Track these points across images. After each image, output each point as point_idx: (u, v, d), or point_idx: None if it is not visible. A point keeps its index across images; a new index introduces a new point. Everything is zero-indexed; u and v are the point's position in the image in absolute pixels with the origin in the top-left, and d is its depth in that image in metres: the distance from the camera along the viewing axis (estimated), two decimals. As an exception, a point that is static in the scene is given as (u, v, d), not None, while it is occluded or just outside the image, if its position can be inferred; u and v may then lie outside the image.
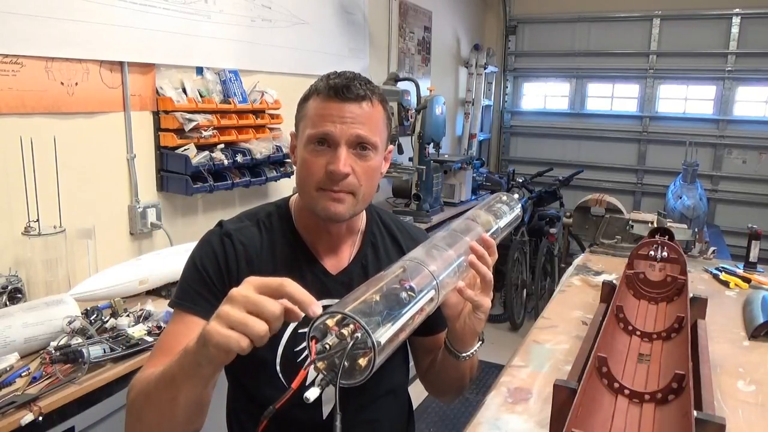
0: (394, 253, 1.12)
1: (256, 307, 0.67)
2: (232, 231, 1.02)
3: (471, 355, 1.03)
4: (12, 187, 1.64)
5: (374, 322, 0.67)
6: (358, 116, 0.95)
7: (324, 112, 0.95)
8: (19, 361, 1.34)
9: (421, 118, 3.20)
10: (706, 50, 4.64)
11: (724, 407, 1.13)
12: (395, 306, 0.73)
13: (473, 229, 1.02)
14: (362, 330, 0.65)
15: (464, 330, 0.99)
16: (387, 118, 1.02)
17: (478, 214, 1.09)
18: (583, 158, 5.14)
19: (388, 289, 0.75)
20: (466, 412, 2.96)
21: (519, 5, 5.29)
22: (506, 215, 1.17)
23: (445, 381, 1.13)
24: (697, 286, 1.87)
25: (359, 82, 0.96)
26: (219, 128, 2.20)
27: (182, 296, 0.99)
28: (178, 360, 0.77)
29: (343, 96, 0.94)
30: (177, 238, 2.14)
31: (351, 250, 1.09)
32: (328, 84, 0.96)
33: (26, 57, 1.64)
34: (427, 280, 0.81)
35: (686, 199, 3.90)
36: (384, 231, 1.15)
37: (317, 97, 0.97)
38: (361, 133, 0.95)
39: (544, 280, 4.27)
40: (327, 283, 1.04)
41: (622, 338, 1.31)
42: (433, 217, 3.27)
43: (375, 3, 3.49)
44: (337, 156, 0.93)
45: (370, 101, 0.96)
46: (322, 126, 0.94)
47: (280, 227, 1.06)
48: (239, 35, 2.39)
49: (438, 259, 0.86)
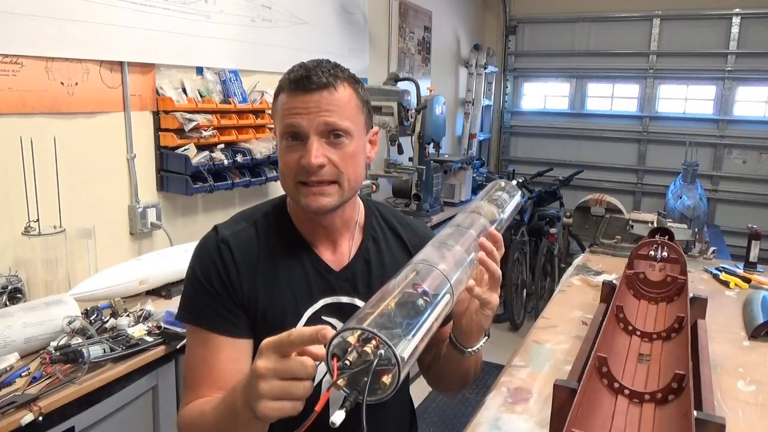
0: (396, 248, 1.10)
1: (289, 374, 0.68)
2: (228, 237, 1.00)
3: (476, 351, 1.02)
4: (12, 187, 1.64)
5: (396, 335, 0.65)
6: (323, 104, 0.92)
7: (290, 105, 0.94)
8: (19, 361, 1.34)
9: (421, 118, 3.20)
10: (706, 50, 4.64)
11: (724, 407, 1.13)
12: (413, 315, 0.70)
13: (479, 221, 1.00)
14: (385, 346, 0.62)
15: (471, 326, 0.98)
16: (360, 99, 0.98)
17: (481, 206, 1.07)
18: (583, 158, 5.13)
19: (404, 296, 0.73)
20: (466, 412, 2.96)
21: (519, 5, 5.29)
22: (508, 203, 1.15)
23: (449, 375, 1.11)
24: (697, 286, 1.87)
25: (321, 69, 0.94)
26: (219, 128, 2.20)
27: (194, 313, 0.98)
28: (230, 421, 0.79)
29: (305, 86, 0.92)
30: (177, 238, 2.14)
31: (350, 244, 1.07)
32: (290, 77, 0.95)
33: (26, 57, 1.64)
34: (441, 283, 0.78)
35: (686, 199, 3.89)
36: (384, 225, 1.12)
37: (283, 93, 0.96)
38: (329, 119, 0.92)
39: (544, 280, 4.27)
40: (330, 280, 1.02)
41: (622, 338, 1.31)
42: (433, 217, 3.27)
43: (375, 3, 3.49)
44: (308, 148, 0.92)
45: (334, 87, 0.93)
46: (288, 119, 0.93)
47: (278, 226, 1.04)
48: (239, 35, 2.39)
49: (449, 259, 0.84)
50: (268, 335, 0.96)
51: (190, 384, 0.97)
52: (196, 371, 0.97)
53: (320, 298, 1.01)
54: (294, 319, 0.99)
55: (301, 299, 1.00)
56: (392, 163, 3.28)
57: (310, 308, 1.00)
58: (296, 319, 0.99)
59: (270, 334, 0.97)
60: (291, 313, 0.99)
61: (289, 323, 0.98)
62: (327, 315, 1.01)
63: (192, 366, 0.98)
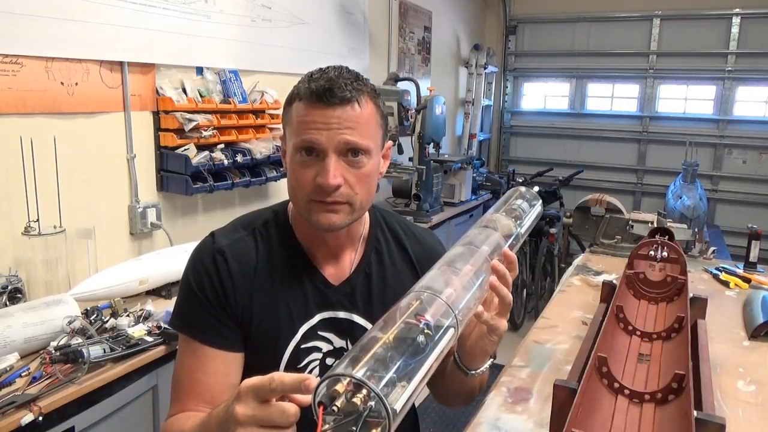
0: (400, 260, 1.06)
1: (268, 423, 0.64)
2: (225, 247, 0.96)
3: (481, 373, 0.97)
4: (12, 187, 1.64)
5: (390, 382, 0.59)
6: (345, 120, 0.86)
7: (308, 118, 0.87)
8: (19, 361, 1.34)
9: (421, 118, 3.20)
10: (706, 50, 4.64)
11: (724, 407, 1.13)
12: (411, 355, 0.64)
13: (492, 238, 0.92)
14: (375, 397, 0.57)
15: (475, 350, 0.94)
16: (380, 115, 0.94)
17: (498, 219, 1.00)
18: (583, 158, 5.13)
19: (403, 331, 0.67)
20: (466, 412, 2.95)
21: (519, 5, 5.29)
22: (527, 214, 1.08)
23: (452, 393, 1.08)
24: (697, 286, 1.87)
25: (344, 81, 0.87)
26: (219, 128, 2.20)
27: (187, 322, 0.96)
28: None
29: (327, 100, 0.86)
30: (177, 238, 2.14)
31: (353, 257, 1.03)
32: (310, 87, 0.87)
33: (26, 57, 1.63)
34: (446, 315, 0.72)
35: (686, 199, 3.89)
36: (390, 236, 1.08)
37: (300, 102, 0.89)
38: (350, 138, 0.87)
39: (544, 280, 4.27)
40: (328, 294, 0.99)
41: (622, 338, 1.31)
42: (433, 217, 3.27)
43: (375, 3, 3.49)
44: (326, 168, 0.86)
45: (357, 102, 0.88)
46: (306, 134, 0.87)
47: (278, 236, 1.00)
48: (239, 35, 2.39)
49: (456, 286, 0.77)
50: (262, 348, 0.96)
51: (176, 394, 0.96)
52: (183, 381, 0.95)
53: (317, 313, 0.98)
54: (289, 333, 0.97)
55: (297, 314, 0.97)
56: (392, 163, 3.28)
57: (306, 323, 0.98)
58: (292, 334, 0.97)
59: (264, 348, 0.96)
60: (286, 327, 0.97)
61: (283, 337, 0.96)
62: (323, 330, 0.99)
63: (180, 375, 0.96)
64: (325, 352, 0.99)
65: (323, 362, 0.99)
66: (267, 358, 0.96)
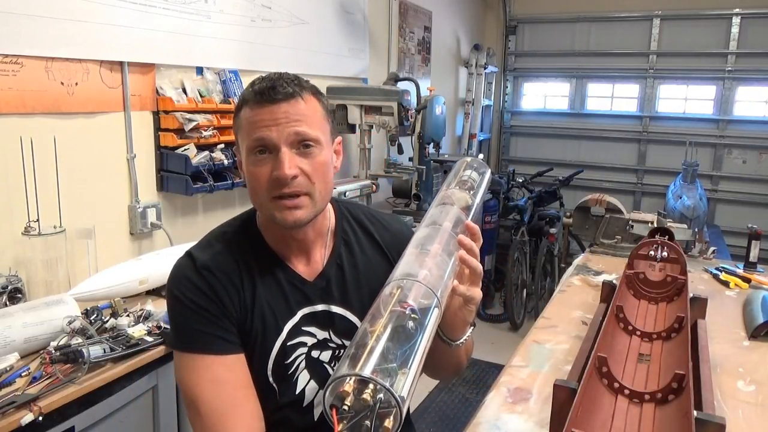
0: (369, 248, 1.09)
1: None
2: (207, 262, 0.97)
3: (464, 342, 1.02)
4: (12, 187, 1.64)
5: (392, 372, 0.62)
6: (292, 114, 0.91)
7: (256, 118, 0.91)
8: (19, 361, 1.34)
9: (421, 118, 3.20)
10: (706, 50, 4.64)
11: (724, 407, 1.13)
12: (405, 341, 0.67)
13: (452, 213, 0.97)
14: (383, 389, 0.60)
15: (455, 321, 0.98)
16: (324, 110, 0.98)
17: (453, 193, 1.04)
18: (583, 158, 5.14)
19: (393, 321, 0.69)
20: (466, 412, 2.96)
21: (519, 5, 5.29)
22: (478, 184, 1.10)
23: (440, 364, 1.10)
24: (697, 286, 1.87)
25: (285, 80, 0.92)
26: (219, 128, 2.20)
27: (190, 341, 0.94)
28: None
29: (271, 97, 0.90)
30: (177, 238, 2.14)
31: (323, 252, 1.06)
32: (254, 90, 0.92)
33: (26, 57, 1.63)
34: (428, 297, 0.75)
35: (686, 199, 3.89)
36: (356, 226, 1.11)
37: (247, 107, 0.93)
38: (300, 129, 0.91)
39: (544, 280, 4.27)
40: (305, 291, 1.02)
41: (622, 338, 1.31)
42: (433, 217, 3.26)
43: (375, 3, 3.49)
44: (280, 160, 0.90)
45: (300, 97, 0.92)
46: (257, 133, 0.91)
47: (250, 243, 1.02)
48: (239, 35, 2.39)
49: (432, 268, 0.81)
50: (251, 349, 0.97)
51: (207, 417, 0.91)
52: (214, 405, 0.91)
53: (298, 310, 1.01)
54: (275, 333, 0.99)
55: (280, 314, 1.00)
56: (392, 163, 3.28)
57: (289, 321, 1.01)
58: (277, 334, 0.99)
59: (253, 349, 0.98)
60: (272, 328, 0.99)
61: (270, 338, 0.99)
62: (306, 325, 1.02)
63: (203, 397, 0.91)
64: (309, 345, 1.02)
65: (309, 355, 1.02)
66: (255, 358, 0.99)
